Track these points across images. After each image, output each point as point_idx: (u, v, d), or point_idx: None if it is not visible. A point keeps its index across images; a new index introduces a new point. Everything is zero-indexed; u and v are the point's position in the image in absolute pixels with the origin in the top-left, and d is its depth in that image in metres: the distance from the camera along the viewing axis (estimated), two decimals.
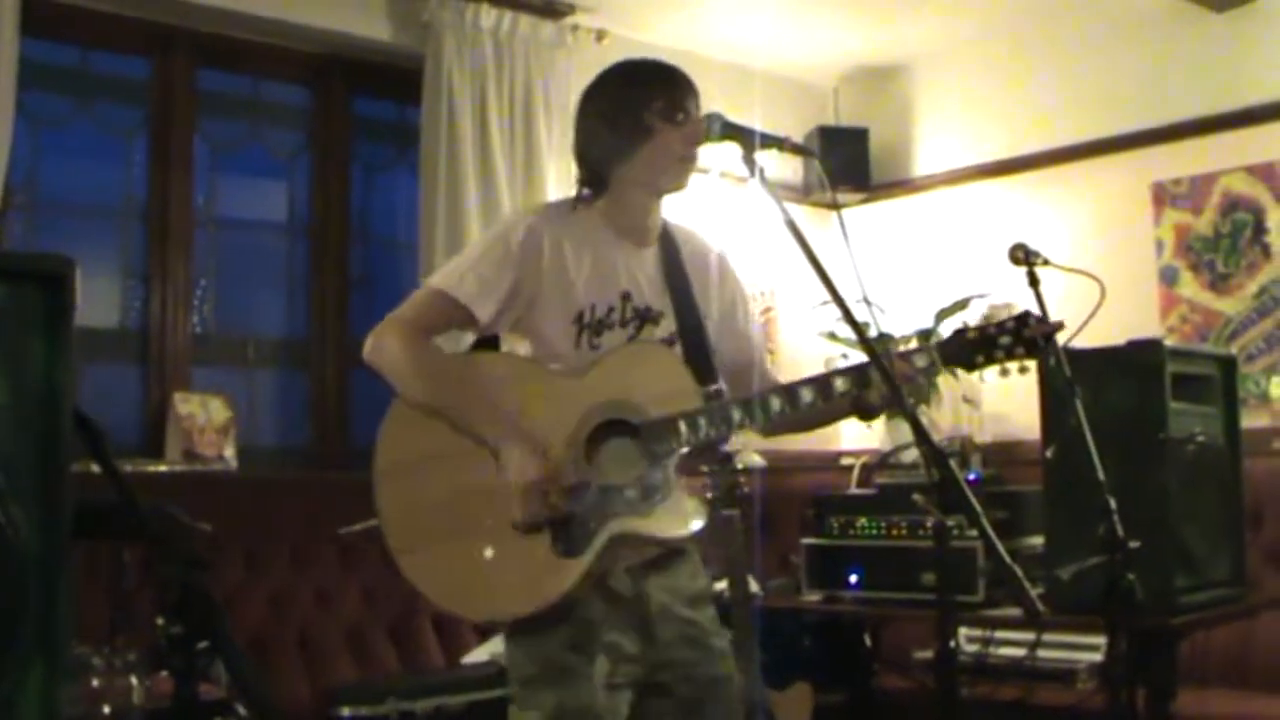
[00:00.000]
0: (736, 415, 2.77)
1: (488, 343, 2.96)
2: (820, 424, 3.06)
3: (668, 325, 2.89)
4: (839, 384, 2.76)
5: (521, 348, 2.88)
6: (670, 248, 2.96)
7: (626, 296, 2.86)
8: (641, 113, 2.83)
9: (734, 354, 3.02)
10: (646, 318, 2.87)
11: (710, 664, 2.86)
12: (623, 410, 2.76)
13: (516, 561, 2.68)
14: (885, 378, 2.60)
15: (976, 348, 2.79)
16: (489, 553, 2.69)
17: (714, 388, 2.84)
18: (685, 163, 2.86)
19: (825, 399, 2.75)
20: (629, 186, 2.87)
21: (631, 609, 2.78)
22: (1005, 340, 2.78)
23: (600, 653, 2.72)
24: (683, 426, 2.73)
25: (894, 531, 4.57)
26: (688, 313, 2.92)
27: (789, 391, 2.79)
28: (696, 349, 2.89)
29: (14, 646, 1.44)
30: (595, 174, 2.89)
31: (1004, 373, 2.86)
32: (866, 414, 2.87)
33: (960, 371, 2.93)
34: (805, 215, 6.18)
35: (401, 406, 2.80)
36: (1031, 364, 2.85)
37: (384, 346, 2.80)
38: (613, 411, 2.76)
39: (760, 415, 2.78)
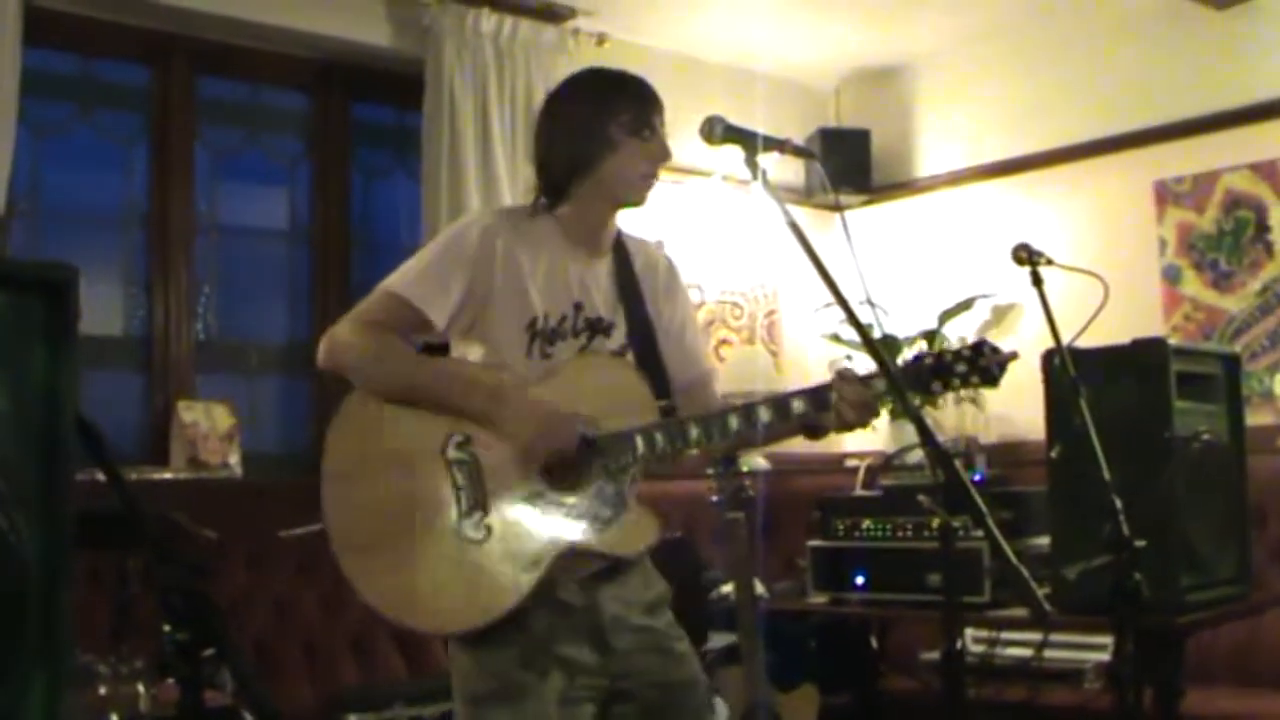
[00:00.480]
0: (694, 432, 2.72)
1: (437, 349, 2.92)
2: (771, 442, 3.01)
3: (619, 337, 2.86)
4: (796, 405, 2.71)
5: (472, 354, 2.83)
6: (623, 258, 2.92)
7: (579, 306, 2.82)
8: (608, 125, 2.79)
9: (683, 370, 2.97)
10: (598, 328, 2.84)
11: (674, 668, 2.81)
12: (577, 422, 2.72)
13: (464, 572, 2.64)
14: (893, 388, 2.60)
15: (933, 375, 2.73)
16: (436, 561, 2.64)
17: (667, 403, 2.81)
18: (647, 180, 2.83)
19: (782, 420, 2.71)
20: (589, 198, 2.83)
21: (583, 620, 2.72)
22: (961, 368, 2.76)
23: (553, 668, 2.66)
24: (639, 441, 2.70)
25: (899, 533, 4.57)
26: (640, 325, 2.88)
27: (746, 411, 2.73)
28: (649, 362, 2.86)
29: (16, 654, 1.44)
30: (555, 183, 2.84)
31: (959, 400, 2.86)
32: (815, 434, 2.84)
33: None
34: (807, 217, 6.17)
35: (352, 408, 2.74)
36: (987, 391, 2.85)
37: (340, 341, 2.74)
38: None
39: (718, 433, 2.73)
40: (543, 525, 2.67)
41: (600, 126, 2.79)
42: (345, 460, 2.72)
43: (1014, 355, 2.77)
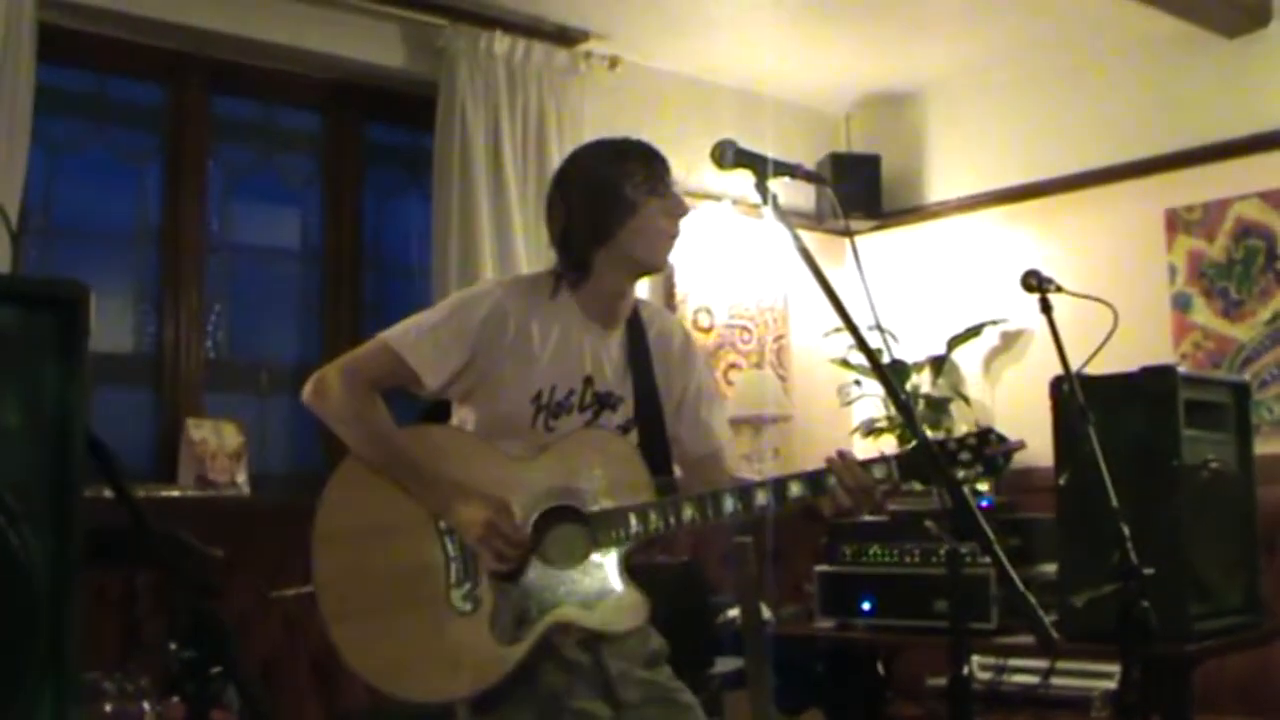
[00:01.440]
0: (688, 513, 2.71)
1: (438, 407, 2.92)
2: (767, 520, 3.00)
3: (625, 411, 2.86)
4: (794, 489, 2.71)
5: (469, 420, 2.84)
6: (637, 331, 2.92)
7: (589, 381, 2.82)
8: (623, 187, 2.78)
9: (693, 443, 2.97)
10: (606, 403, 2.83)
11: (682, 718, 2.82)
12: (572, 497, 2.73)
13: (451, 643, 2.65)
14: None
15: (935, 463, 2.68)
16: (423, 632, 2.65)
17: (667, 478, 2.81)
18: (669, 238, 2.82)
19: (779, 503, 2.70)
20: (611, 266, 2.81)
21: (592, 676, 2.73)
22: (966, 457, 2.74)
23: None
24: (633, 519, 2.70)
25: (907, 559, 4.56)
26: (647, 399, 2.88)
27: (743, 492, 2.72)
28: (653, 437, 2.86)
29: (24, 670, 1.44)
30: (578, 258, 2.82)
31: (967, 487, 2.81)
32: (816, 519, 2.84)
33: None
34: (818, 242, 6.18)
35: (348, 471, 2.77)
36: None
37: (327, 392, 2.77)
38: (561, 498, 2.73)
39: (713, 514, 2.71)
40: (532, 598, 2.67)
41: (616, 190, 2.78)
42: (338, 524, 2.74)
43: (1020, 445, 2.74)
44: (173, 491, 4.83)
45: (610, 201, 2.78)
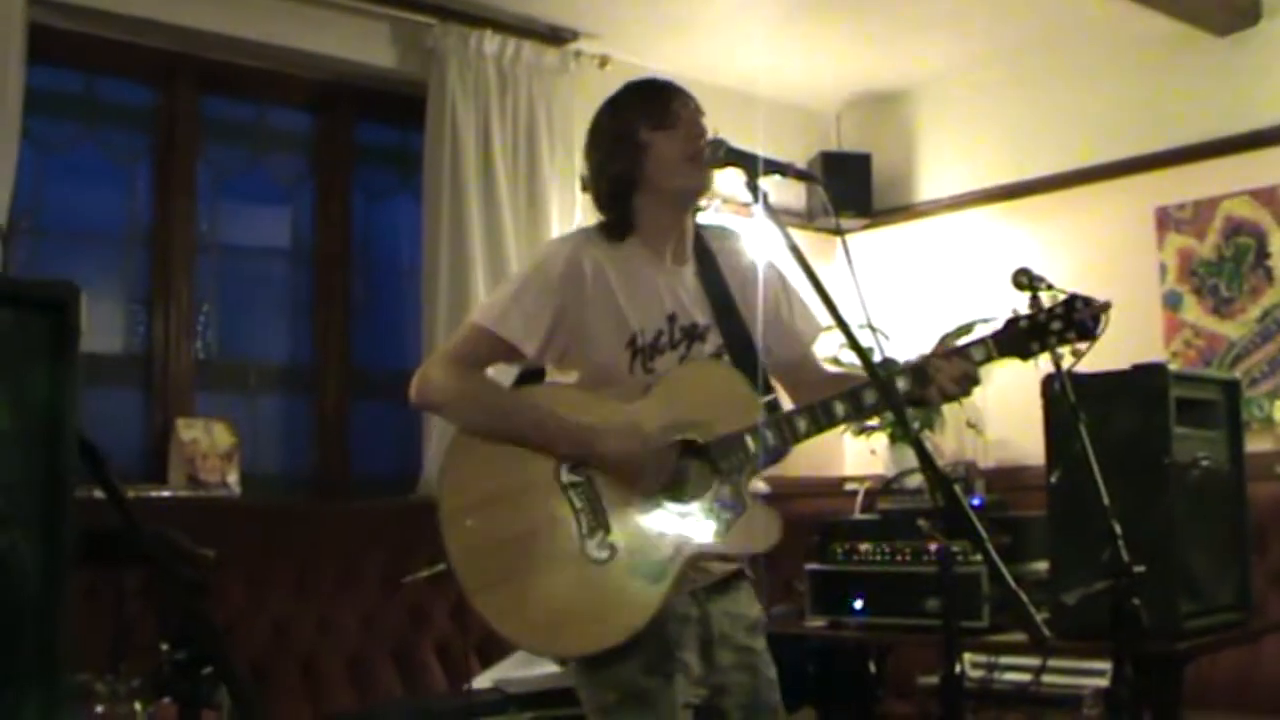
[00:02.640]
0: (802, 425, 2.77)
1: (532, 376, 2.95)
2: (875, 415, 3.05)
3: (714, 339, 2.89)
4: (900, 384, 2.75)
5: (570, 379, 2.86)
6: (707, 259, 2.95)
7: (673, 318, 2.85)
8: (635, 132, 2.83)
9: (787, 352, 3.01)
10: (694, 335, 2.87)
11: (764, 691, 2.86)
12: (687, 430, 2.76)
13: (596, 593, 2.68)
14: (891, 404, 2.61)
15: (1030, 336, 2.79)
16: (566, 588, 2.68)
17: (770, 398, 2.84)
18: (692, 161, 2.82)
19: (887, 399, 2.72)
20: (652, 208, 2.86)
21: (697, 630, 2.77)
22: (1057, 326, 2.78)
23: (678, 672, 2.71)
24: (750, 441, 2.75)
25: (898, 557, 4.55)
26: (732, 324, 2.91)
27: (852, 395, 2.77)
28: (745, 360, 2.89)
29: (13, 672, 1.44)
30: (619, 213, 2.87)
31: (1056, 360, 2.86)
32: (921, 405, 2.90)
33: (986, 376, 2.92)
34: (808, 241, 6.17)
35: (458, 449, 2.79)
36: (1084, 345, 2.84)
37: (432, 383, 2.80)
38: (677, 432, 2.77)
39: (825, 421, 2.77)
40: (666, 536, 2.70)
41: (628, 136, 2.84)
42: (462, 500, 2.75)
43: (1107, 305, 2.78)
44: (163, 492, 4.83)
45: (624, 150, 2.83)
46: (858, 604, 4.60)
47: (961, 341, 2.84)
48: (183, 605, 1.74)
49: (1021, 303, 3.39)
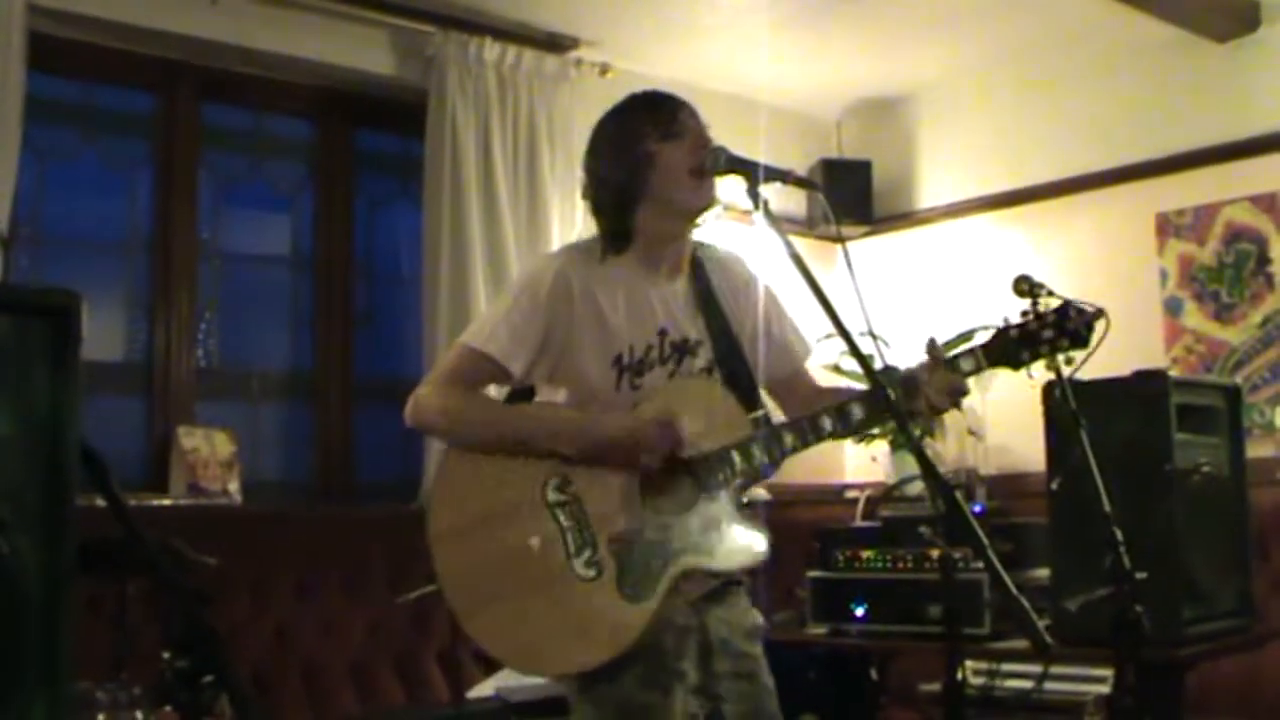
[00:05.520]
0: (789, 440, 2.77)
1: (521, 395, 2.95)
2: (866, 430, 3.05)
3: (705, 354, 2.88)
4: (889, 395, 2.75)
5: (558, 397, 2.86)
6: (700, 273, 2.95)
7: (663, 332, 2.85)
8: (640, 143, 2.82)
9: (777, 366, 3.01)
10: (684, 350, 2.86)
11: (763, 697, 2.85)
12: None
13: (583, 612, 2.67)
14: (892, 412, 2.60)
15: (1020, 345, 2.78)
16: (554, 607, 2.68)
17: (759, 413, 2.84)
18: (697, 175, 2.81)
19: (877, 412, 2.74)
20: (653, 221, 2.84)
21: (696, 638, 2.77)
22: (1049, 334, 2.77)
23: (675, 684, 2.71)
24: (736, 457, 2.74)
25: (900, 564, 4.56)
26: (723, 338, 2.91)
27: (839, 410, 2.77)
28: (736, 375, 2.89)
29: (16, 680, 1.44)
30: (618, 224, 2.86)
31: (1052, 366, 2.86)
32: (911, 417, 2.86)
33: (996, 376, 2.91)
34: (809, 248, 6.16)
35: (449, 469, 2.80)
36: (1078, 354, 2.84)
37: (427, 405, 2.80)
38: None
39: (812, 436, 2.77)
40: (653, 553, 2.69)
41: (633, 148, 2.82)
42: (449, 522, 2.76)
43: (1099, 312, 2.78)
44: (164, 500, 4.83)
45: (630, 159, 2.82)
46: (859, 611, 4.60)
47: (954, 352, 2.83)
48: (184, 614, 1.74)
49: (1023, 309, 3.40)
